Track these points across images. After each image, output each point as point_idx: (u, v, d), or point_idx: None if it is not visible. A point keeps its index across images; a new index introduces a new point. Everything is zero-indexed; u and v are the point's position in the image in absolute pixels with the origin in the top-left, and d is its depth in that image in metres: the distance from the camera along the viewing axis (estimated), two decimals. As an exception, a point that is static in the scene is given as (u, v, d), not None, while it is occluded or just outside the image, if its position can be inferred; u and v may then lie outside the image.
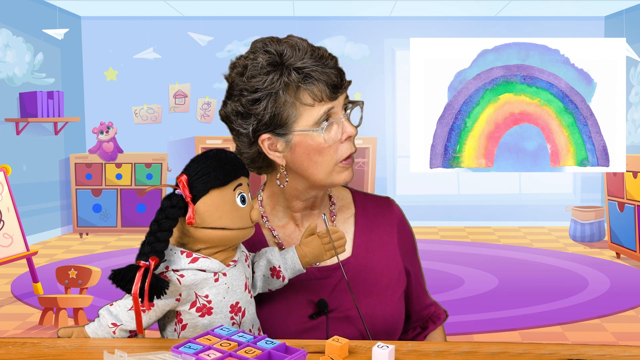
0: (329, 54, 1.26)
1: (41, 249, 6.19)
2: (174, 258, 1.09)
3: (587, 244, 6.76)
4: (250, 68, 1.23)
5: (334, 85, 1.23)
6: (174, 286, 1.07)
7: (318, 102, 1.22)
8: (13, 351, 1.07)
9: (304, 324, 1.29)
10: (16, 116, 6.66)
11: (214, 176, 1.08)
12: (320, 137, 1.23)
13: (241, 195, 1.10)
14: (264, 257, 1.22)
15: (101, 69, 7.91)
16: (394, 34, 7.78)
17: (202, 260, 1.09)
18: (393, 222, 1.42)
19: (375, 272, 1.35)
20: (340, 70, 1.25)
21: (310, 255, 1.21)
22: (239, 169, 1.11)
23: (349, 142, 1.27)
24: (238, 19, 7.88)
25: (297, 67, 1.22)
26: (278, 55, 1.22)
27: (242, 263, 1.16)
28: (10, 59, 6.52)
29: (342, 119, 1.25)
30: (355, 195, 1.44)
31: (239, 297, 1.13)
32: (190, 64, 7.87)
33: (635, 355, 1.06)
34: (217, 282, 1.10)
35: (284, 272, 1.21)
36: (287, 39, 1.26)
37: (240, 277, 1.14)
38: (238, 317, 1.13)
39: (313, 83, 1.22)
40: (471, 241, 7.06)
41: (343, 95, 1.26)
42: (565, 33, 7.55)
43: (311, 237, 1.22)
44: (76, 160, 7.32)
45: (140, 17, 7.73)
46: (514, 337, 3.90)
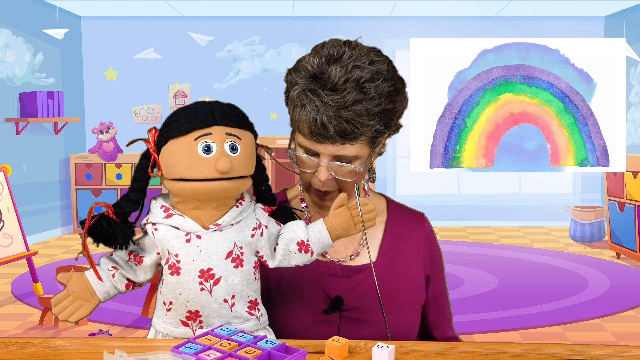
0: (350, 100, 1.17)
1: (41, 249, 6.19)
2: (154, 211, 1.10)
3: (587, 244, 6.76)
4: (294, 67, 1.26)
5: (314, 131, 1.19)
6: (150, 239, 1.10)
7: (301, 132, 1.23)
8: (13, 351, 1.07)
9: (317, 318, 1.29)
10: (16, 116, 6.66)
11: (175, 126, 1.06)
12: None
13: (205, 145, 1.04)
14: (288, 230, 1.16)
15: (101, 69, 7.92)
16: (394, 34, 7.78)
17: (176, 217, 1.08)
18: (421, 237, 1.41)
19: (395, 282, 1.34)
20: (340, 125, 1.17)
21: (339, 227, 1.13)
22: (208, 119, 1.05)
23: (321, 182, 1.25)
24: (238, 19, 7.88)
25: (299, 91, 1.21)
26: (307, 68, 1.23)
27: (238, 230, 1.11)
28: (10, 59, 6.52)
29: (322, 163, 1.22)
30: (390, 204, 1.44)
31: (214, 263, 1.08)
32: (190, 64, 7.87)
33: (635, 355, 1.06)
34: (189, 242, 1.08)
35: (312, 246, 1.14)
36: (335, 54, 1.21)
37: (222, 244, 1.09)
38: (208, 284, 1.08)
39: (303, 114, 1.21)
40: (471, 241, 7.06)
41: (332, 146, 1.20)
42: (565, 33, 7.55)
43: (341, 209, 1.14)
44: (76, 160, 7.32)
45: (140, 17, 7.73)
46: (514, 337, 3.90)
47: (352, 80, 1.18)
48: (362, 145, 1.22)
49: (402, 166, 7.92)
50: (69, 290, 1.08)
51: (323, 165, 1.22)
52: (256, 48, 7.97)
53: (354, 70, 1.19)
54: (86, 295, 1.09)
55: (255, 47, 7.97)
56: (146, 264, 1.12)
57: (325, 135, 1.19)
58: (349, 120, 1.17)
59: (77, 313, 1.07)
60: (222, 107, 1.09)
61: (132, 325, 4.04)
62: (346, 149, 1.21)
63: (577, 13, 7.55)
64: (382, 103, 1.20)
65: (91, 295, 1.09)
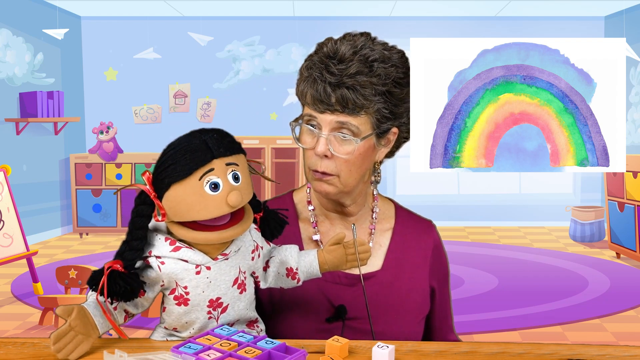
0: (353, 71, 1.20)
1: (41, 249, 6.19)
2: (158, 244, 1.06)
3: (587, 244, 6.76)
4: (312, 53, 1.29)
5: (316, 98, 1.22)
6: (155, 272, 1.06)
7: (306, 104, 1.25)
8: (13, 351, 1.07)
9: (320, 326, 1.28)
10: (16, 116, 6.66)
11: (172, 170, 1.01)
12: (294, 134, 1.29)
13: (211, 183, 1.00)
14: (281, 254, 1.17)
15: (101, 69, 7.92)
16: (394, 34, 7.73)
17: (184, 250, 1.06)
18: (429, 245, 1.39)
19: (400, 291, 1.33)
20: (341, 91, 1.20)
21: (331, 263, 1.17)
22: (205, 154, 1.01)
23: (319, 157, 1.24)
24: (238, 19, 7.88)
25: (307, 65, 1.25)
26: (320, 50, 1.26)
27: (241, 255, 1.11)
28: (10, 59, 6.52)
29: (322, 134, 1.22)
30: (398, 210, 1.42)
31: (222, 292, 1.08)
32: (190, 64, 7.87)
33: (635, 355, 1.06)
34: (199, 274, 1.06)
35: (299, 275, 1.17)
36: (350, 38, 1.26)
37: (229, 272, 1.09)
38: (216, 312, 1.09)
39: (307, 86, 1.24)
40: (471, 241, 7.06)
41: (333, 115, 1.21)
42: (565, 33, 7.55)
43: (336, 246, 1.17)
44: (76, 160, 7.32)
45: (140, 17, 7.73)
46: (514, 337, 3.90)
47: (360, 55, 1.21)
48: (363, 121, 1.22)
49: (402, 166, 7.92)
50: (70, 325, 1.01)
51: (322, 136, 1.22)
52: (256, 48, 7.97)
53: (364, 49, 1.23)
54: (88, 329, 1.02)
55: (255, 47, 7.97)
56: (148, 297, 1.09)
57: (326, 102, 1.20)
58: (350, 87, 1.19)
59: (78, 349, 1.01)
60: (214, 136, 1.04)
61: (132, 326, 4.04)
62: (347, 120, 1.21)
63: (577, 13, 7.55)
64: (389, 84, 1.22)
65: (93, 330, 1.03)
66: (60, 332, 1.00)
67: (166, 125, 7.94)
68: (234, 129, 5.69)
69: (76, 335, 1.01)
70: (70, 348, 1.00)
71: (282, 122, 7.57)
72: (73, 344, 1.01)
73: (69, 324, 1.00)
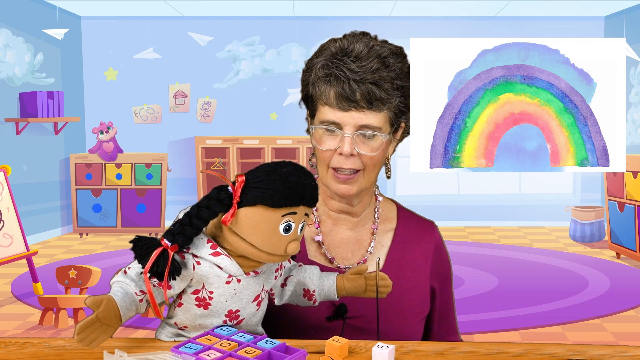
0: (374, 67, 1.22)
1: (41, 249, 6.19)
2: (199, 243, 1.07)
3: (587, 244, 6.76)
4: (313, 54, 1.30)
5: (342, 96, 1.22)
6: (188, 271, 1.06)
7: (326, 105, 1.25)
8: (13, 351, 1.07)
9: (321, 324, 1.29)
10: (16, 116, 6.66)
11: (269, 194, 1.03)
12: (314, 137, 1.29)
13: (287, 224, 1.04)
14: (301, 275, 1.20)
15: (101, 69, 7.92)
16: (394, 34, 7.72)
17: (223, 257, 1.07)
18: (430, 246, 1.40)
19: (401, 291, 1.33)
20: (365, 87, 1.21)
21: (349, 290, 1.20)
22: (299, 198, 1.05)
23: (343, 157, 1.25)
24: (238, 19, 7.88)
25: (322, 64, 1.25)
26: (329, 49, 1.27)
27: (267, 275, 1.13)
28: (10, 59, 6.52)
29: (346, 134, 1.23)
30: (400, 211, 1.43)
31: (242, 305, 1.10)
32: (190, 64, 7.87)
33: (635, 355, 1.06)
34: (228, 284, 1.07)
35: (316, 297, 1.20)
36: (359, 37, 1.27)
37: (254, 288, 1.10)
38: (231, 323, 1.10)
39: (328, 85, 1.24)
40: (471, 241, 7.06)
41: (358, 113, 1.22)
42: (565, 33, 7.55)
43: (358, 276, 1.19)
44: (76, 160, 7.32)
45: (140, 17, 7.73)
46: (514, 337, 3.90)
47: (374, 52, 1.24)
48: (385, 117, 1.25)
49: (402, 166, 7.92)
50: (98, 316, 1.00)
51: (348, 136, 1.23)
52: (256, 48, 7.97)
53: (375, 47, 1.25)
54: (112, 320, 1.02)
55: (255, 47, 7.97)
56: (173, 291, 1.09)
57: (352, 100, 1.22)
58: (373, 83, 1.22)
59: (99, 339, 1.01)
60: (312, 186, 1.07)
61: (132, 325, 4.04)
62: (370, 119, 1.23)
63: (577, 13, 7.55)
64: (403, 78, 1.25)
65: (117, 321, 1.03)
66: (85, 322, 1.00)
67: (166, 125, 7.94)
68: (234, 129, 5.77)
69: (101, 326, 1.01)
70: (92, 338, 1.00)
71: (282, 122, 7.57)
72: (95, 334, 1.01)
73: (96, 315, 1.00)
